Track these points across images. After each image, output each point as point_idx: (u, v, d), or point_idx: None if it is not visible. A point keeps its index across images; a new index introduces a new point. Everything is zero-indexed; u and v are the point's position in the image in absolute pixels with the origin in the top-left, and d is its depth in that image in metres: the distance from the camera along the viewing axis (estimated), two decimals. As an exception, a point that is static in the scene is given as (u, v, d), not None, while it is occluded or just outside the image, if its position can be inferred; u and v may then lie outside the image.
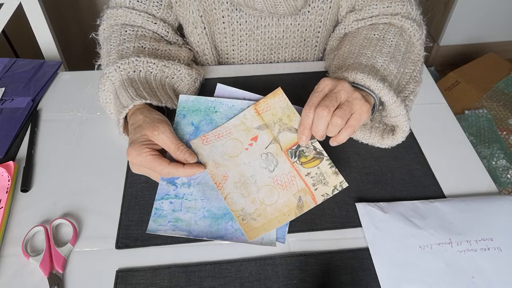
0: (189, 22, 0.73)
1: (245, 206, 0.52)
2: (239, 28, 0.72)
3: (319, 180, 0.52)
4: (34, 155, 0.61)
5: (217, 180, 0.53)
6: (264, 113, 0.56)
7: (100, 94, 0.61)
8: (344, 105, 0.51)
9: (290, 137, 0.54)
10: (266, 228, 0.51)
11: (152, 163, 0.49)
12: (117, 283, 0.47)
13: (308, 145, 0.54)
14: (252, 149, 0.54)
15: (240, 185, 0.53)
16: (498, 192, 0.57)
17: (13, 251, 0.50)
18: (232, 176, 0.53)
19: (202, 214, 0.51)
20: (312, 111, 0.50)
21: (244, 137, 0.55)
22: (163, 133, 0.51)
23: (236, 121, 0.56)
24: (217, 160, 0.54)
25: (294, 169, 0.53)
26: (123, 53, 0.62)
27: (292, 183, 0.53)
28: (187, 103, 0.57)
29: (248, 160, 0.54)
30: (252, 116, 0.56)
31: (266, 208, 0.52)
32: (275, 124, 0.55)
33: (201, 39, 0.75)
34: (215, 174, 0.53)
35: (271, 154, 0.54)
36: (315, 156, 0.53)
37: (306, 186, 0.52)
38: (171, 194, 0.52)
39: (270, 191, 0.53)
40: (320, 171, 0.52)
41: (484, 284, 0.47)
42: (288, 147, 0.54)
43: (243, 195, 0.52)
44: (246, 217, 0.51)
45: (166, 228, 0.50)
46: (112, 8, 0.69)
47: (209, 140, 0.55)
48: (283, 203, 0.52)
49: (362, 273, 0.48)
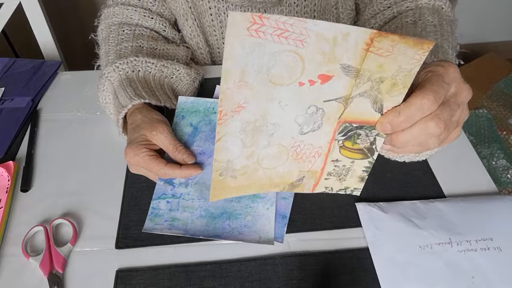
0: (180, 14, 0.73)
1: (235, 159, 0.40)
2: (227, 19, 0.72)
3: (339, 173, 0.43)
4: (34, 155, 0.61)
5: (224, 106, 0.35)
6: (374, 55, 0.34)
7: (100, 95, 0.61)
8: (452, 125, 0.39)
9: (366, 111, 0.37)
10: (239, 191, 0.42)
11: (149, 164, 0.49)
12: (117, 283, 0.47)
13: (371, 133, 0.39)
14: (308, 90, 0.36)
15: (250, 129, 0.38)
16: (498, 192, 0.57)
17: (13, 251, 0.50)
18: (250, 111, 0.36)
19: (199, 214, 0.51)
20: (430, 109, 0.36)
21: (314, 66, 0.34)
22: (161, 133, 0.51)
23: (327, 32, 0.32)
24: (248, 74, 0.34)
25: (328, 147, 0.41)
26: (121, 53, 0.62)
27: (311, 159, 0.41)
28: (186, 104, 0.57)
29: (288, 101, 0.36)
30: (356, 45, 0.33)
31: (258, 169, 0.41)
32: (369, 80, 0.35)
33: (193, 32, 0.75)
34: (230, 95, 0.34)
35: (323, 112, 0.37)
36: (363, 150, 0.40)
37: (321, 171, 0.42)
38: (168, 193, 0.52)
39: (279, 153, 0.40)
40: (350, 167, 0.42)
41: (484, 284, 0.47)
42: (349, 120, 0.38)
43: (244, 144, 0.39)
44: (226, 172, 0.40)
45: (162, 227, 0.50)
46: (109, 7, 0.69)
47: (262, 31, 0.31)
48: (281, 172, 0.42)
49: (362, 273, 0.48)
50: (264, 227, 0.50)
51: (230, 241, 0.50)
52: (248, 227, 0.50)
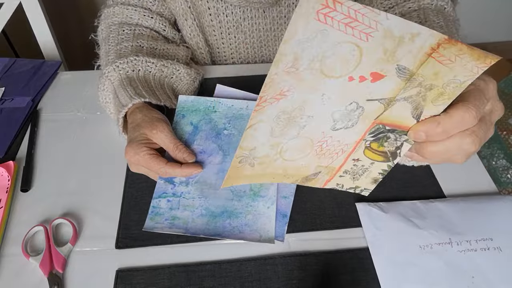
0: (179, 14, 0.73)
1: (259, 146, 0.38)
2: (226, 20, 0.72)
3: (355, 172, 0.41)
4: (34, 155, 0.61)
5: (266, 92, 0.33)
6: (434, 62, 0.32)
7: (100, 94, 0.61)
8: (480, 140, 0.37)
9: (405, 116, 0.36)
10: (252, 179, 0.41)
11: (149, 162, 0.49)
12: (117, 283, 0.47)
13: (400, 138, 0.38)
14: (356, 86, 0.34)
15: (285, 118, 0.36)
16: (498, 192, 0.57)
17: (13, 251, 0.50)
18: (290, 101, 0.34)
19: (200, 212, 0.51)
20: (468, 125, 0.35)
21: (370, 63, 0.32)
22: (161, 132, 0.51)
23: (396, 29, 0.30)
24: (301, 61, 0.31)
25: (354, 146, 0.39)
26: (121, 52, 0.62)
27: (333, 156, 0.40)
28: (187, 103, 0.57)
29: (331, 94, 0.34)
30: (420, 49, 0.31)
31: (278, 160, 0.40)
32: (419, 85, 0.34)
33: (192, 32, 0.75)
34: (276, 81, 0.32)
35: (363, 111, 0.35)
36: (387, 153, 0.39)
37: (338, 168, 0.41)
38: (169, 192, 0.52)
39: (304, 147, 0.39)
40: (368, 168, 0.41)
41: (484, 284, 0.47)
42: (385, 122, 0.36)
43: (272, 133, 0.37)
44: (246, 159, 0.39)
45: (163, 226, 0.50)
46: (109, 7, 0.70)
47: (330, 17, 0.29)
48: (299, 165, 0.40)
49: (362, 273, 0.48)
50: (264, 226, 0.50)
51: (231, 239, 0.50)
52: (248, 226, 0.50)
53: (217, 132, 0.55)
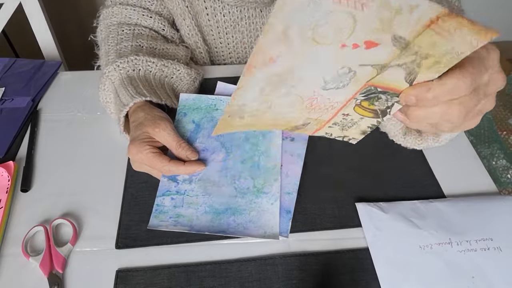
0: (177, 14, 0.73)
1: (249, 104, 0.38)
2: (223, 19, 0.72)
3: (344, 124, 0.41)
4: (34, 155, 0.61)
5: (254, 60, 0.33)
6: (431, 33, 0.31)
7: (100, 94, 0.61)
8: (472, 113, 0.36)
9: (398, 80, 0.35)
10: (242, 128, 0.42)
11: (152, 161, 0.49)
12: (117, 283, 0.47)
13: (391, 98, 0.37)
14: (348, 53, 0.33)
15: (274, 80, 0.35)
16: (498, 192, 0.57)
17: (13, 251, 0.50)
18: (280, 66, 0.34)
19: (204, 210, 0.51)
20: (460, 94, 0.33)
21: (364, 32, 0.31)
22: (164, 130, 0.51)
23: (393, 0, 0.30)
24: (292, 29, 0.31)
25: (344, 104, 0.39)
26: (121, 52, 0.62)
27: (324, 111, 0.39)
28: (188, 102, 0.57)
29: (322, 61, 0.34)
30: (418, 21, 0.31)
31: (267, 112, 0.40)
32: (415, 54, 0.33)
33: (190, 31, 0.75)
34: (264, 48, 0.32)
35: (355, 74, 0.35)
36: (377, 111, 0.39)
37: (328, 121, 0.41)
38: (173, 190, 0.52)
39: (294, 102, 0.39)
40: (357, 122, 0.40)
41: (484, 284, 0.47)
42: (376, 84, 0.36)
43: (262, 91, 0.37)
44: (236, 113, 0.40)
45: (167, 224, 0.50)
46: (108, 7, 0.70)
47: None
48: (289, 117, 0.41)
49: (362, 273, 0.48)
50: (269, 222, 0.50)
51: (236, 236, 0.50)
52: (253, 222, 0.50)
53: None
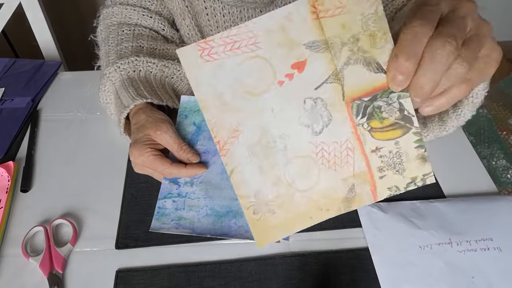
0: (177, 13, 0.73)
1: (262, 188, 0.35)
2: (223, 19, 0.72)
3: (392, 163, 0.35)
4: (34, 155, 0.61)
5: (220, 135, 0.34)
6: (330, 19, 0.31)
7: (101, 95, 0.61)
8: (472, 42, 0.31)
9: (366, 77, 0.33)
10: (287, 228, 0.36)
11: (154, 163, 0.50)
12: (117, 283, 0.47)
13: (392, 100, 0.33)
14: (292, 85, 0.33)
15: (258, 150, 0.34)
16: (498, 192, 0.57)
17: (13, 251, 0.50)
18: (248, 132, 0.34)
19: (205, 212, 0.51)
20: (427, 35, 0.30)
21: (281, 60, 0.32)
22: (166, 133, 0.51)
23: (270, 23, 0.31)
24: (224, 95, 0.33)
25: (356, 137, 0.35)
26: (122, 53, 0.62)
27: (347, 160, 0.35)
28: (189, 104, 0.57)
29: (279, 106, 0.33)
30: (304, 18, 0.31)
31: (295, 194, 0.36)
32: (344, 45, 0.32)
33: (190, 31, 0.75)
34: (217, 122, 0.33)
35: (323, 101, 0.34)
36: (397, 122, 0.34)
37: (368, 169, 0.35)
38: (174, 193, 0.52)
39: (307, 166, 0.35)
40: (398, 150, 0.35)
41: (484, 284, 0.47)
42: (357, 96, 0.33)
43: (262, 169, 0.35)
44: (260, 207, 0.36)
45: (169, 226, 0.50)
46: (108, 7, 0.70)
47: (214, 53, 0.32)
48: (323, 190, 0.36)
49: (362, 273, 0.48)
50: None
51: (237, 239, 0.50)
52: None
53: None
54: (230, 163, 0.35)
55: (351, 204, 0.37)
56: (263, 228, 0.36)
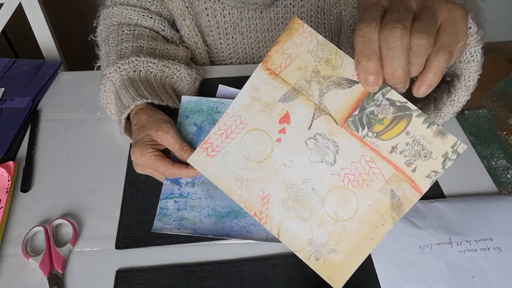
0: (177, 14, 0.73)
1: (313, 235, 0.37)
2: (223, 20, 0.72)
3: (415, 153, 0.35)
4: (34, 155, 0.61)
5: (253, 208, 0.37)
6: (285, 70, 0.35)
7: (101, 95, 0.61)
8: (422, 14, 0.33)
9: (344, 96, 0.35)
10: (355, 258, 0.36)
11: (155, 164, 0.50)
12: (117, 283, 0.47)
13: (378, 100, 0.34)
14: (288, 137, 0.37)
15: (291, 203, 0.37)
16: (498, 192, 0.57)
17: (13, 251, 0.50)
18: (275, 192, 0.37)
19: (207, 213, 0.51)
20: (376, 31, 0.32)
21: (268, 122, 0.37)
22: (167, 133, 0.51)
23: (243, 99, 0.37)
24: (240, 174, 0.37)
25: (369, 148, 0.36)
26: (122, 53, 0.62)
27: (373, 172, 0.36)
28: (190, 104, 0.57)
29: (288, 158, 0.37)
30: (266, 81, 0.36)
31: (345, 225, 0.36)
32: (310, 82, 0.35)
33: (190, 32, 0.75)
34: (247, 199, 0.37)
35: (322, 135, 0.36)
36: (396, 115, 0.34)
37: (397, 169, 0.35)
38: (176, 193, 0.52)
39: (342, 196, 0.37)
40: (413, 138, 0.35)
41: (484, 284, 0.47)
42: (347, 115, 0.35)
43: (303, 218, 0.37)
44: (320, 252, 0.36)
45: (171, 227, 0.50)
46: (108, 8, 0.70)
47: (215, 147, 0.38)
48: (368, 209, 0.36)
49: (362, 273, 0.48)
50: None
51: (239, 239, 0.50)
52: (255, 226, 0.50)
53: None
54: (273, 227, 0.38)
55: (401, 207, 0.36)
56: (333, 269, 0.37)
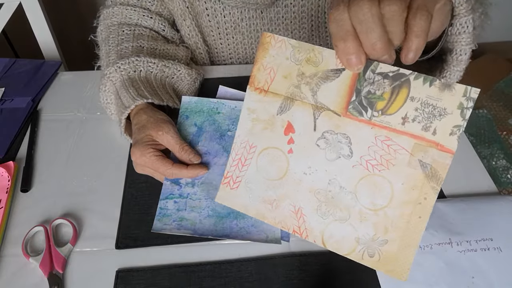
0: (178, 14, 0.73)
1: (358, 233, 0.36)
2: (223, 20, 0.72)
3: (428, 115, 0.33)
4: (34, 155, 0.61)
5: (291, 225, 0.37)
6: (273, 84, 0.37)
7: (101, 95, 0.61)
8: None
9: (336, 86, 0.35)
10: (410, 243, 0.35)
11: (156, 164, 0.50)
12: (117, 283, 0.47)
13: (370, 78, 0.34)
14: (298, 145, 0.37)
15: (325, 208, 0.36)
16: (498, 192, 0.57)
17: (13, 251, 0.50)
18: (305, 203, 0.37)
19: (207, 213, 0.51)
20: (344, 11, 0.32)
21: (275, 138, 0.37)
22: (167, 133, 0.51)
23: (245, 125, 0.39)
24: (266, 197, 0.38)
25: (379, 128, 0.35)
26: (122, 53, 0.62)
27: (393, 149, 0.34)
28: (190, 104, 0.57)
29: (306, 165, 0.37)
30: (259, 100, 0.37)
31: (387, 212, 0.35)
32: (298, 86, 0.36)
33: (191, 32, 0.75)
34: (281, 219, 0.37)
35: (329, 131, 0.36)
36: (394, 86, 0.33)
37: (416, 138, 0.34)
38: (176, 193, 0.52)
39: (372, 184, 0.35)
40: (420, 101, 0.33)
41: (484, 284, 0.47)
42: (345, 104, 0.35)
43: (342, 218, 0.36)
44: (371, 248, 0.35)
45: (171, 227, 0.50)
46: (108, 7, 0.70)
47: (236, 178, 0.39)
48: (403, 188, 0.34)
49: (362, 273, 0.48)
50: (271, 227, 0.50)
51: (239, 240, 0.50)
52: (255, 227, 0.50)
53: (221, 134, 0.55)
54: (316, 237, 0.38)
55: (437, 175, 0.35)
56: (391, 262, 0.35)
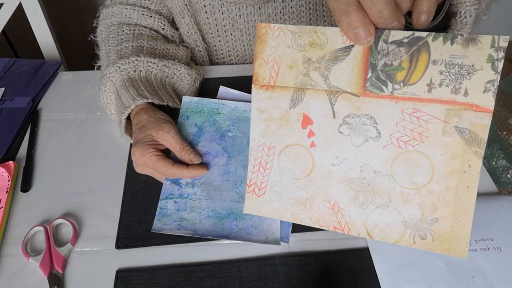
0: (177, 12, 0.73)
1: (404, 216, 0.34)
2: (222, 17, 0.72)
3: (455, 76, 0.31)
4: (34, 155, 0.61)
5: (330, 222, 0.36)
6: (278, 77, 0.34)
7: (101, 95, 0.61)
8: None
9: (348, 66, 0.33)
10: (464, 216, 0.34)
11: (156, 164, 0.50)
12: (117, 283, 0.47)
13: (384, 49, 0.31)
14: (319, 136, 0.35)
15: (363, 197, 0.35)
16: (498, 192, 0.57)
17: (13, 251, 0.50)
18: (340, 195, 0.35)
19: (207, 214, 0.51)
20: None
21: (293, 133, 0.35)
22: (168, 133, 0.51)
23: (258, 126, 0.36)
24: (297, 197, 0.36)
25: (404, 100, 0.32)
26: (122, 53, 0.62)
27: (423, 120, 0.32)
28: (190, 104, 0.57)
29: (332, 156, 0.35)
30: (267, 98, 0.35)
31: (430, 188, 0.33)
32: (307, 74, 0.34)
33: (190, 29, 0.75)
34: (318, 218, 0.36)
35: (351, 115, 0.34)
36: (412, 52, 0.31)
37: (447, 103, 0.31)
38: (176, 194, 0.52)
39: (408, 162, 0.33)
40: (444, 62, 0.31)
41: (484, 284, 0.47)
42: (362, 82, 0.33)
43: (384, 205, 0.35)
44: (421, 229, 0.34)
45: (171, 227, 0.50)
46: (107, 7, 0.70)
47: (260, 184, 0.38)
48: (443, 159, 0.32)
49: (362, 273, 0.48)
50: (270, 228, 0.51)
51: (238, 241, 0.50)
52: (255, 228, 0.50)
53: (221, 134, 0.55)
54: (360, 230, 0.36)
55: (478, 137, 0.31)
56: (447, 240, 0.34)
